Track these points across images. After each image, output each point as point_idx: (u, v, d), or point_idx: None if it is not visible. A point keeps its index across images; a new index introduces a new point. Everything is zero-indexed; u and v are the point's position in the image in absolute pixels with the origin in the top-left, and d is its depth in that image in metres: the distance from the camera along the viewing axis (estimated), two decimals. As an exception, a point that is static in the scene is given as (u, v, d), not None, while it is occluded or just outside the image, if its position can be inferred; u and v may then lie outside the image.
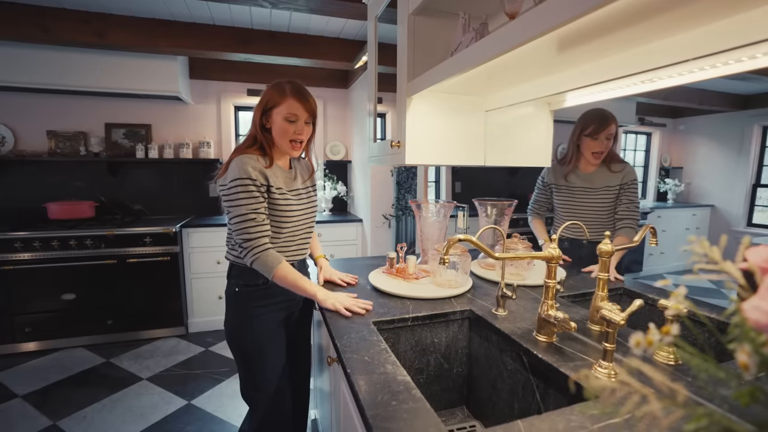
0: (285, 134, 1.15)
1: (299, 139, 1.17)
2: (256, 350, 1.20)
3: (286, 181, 1.21)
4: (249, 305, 1.19)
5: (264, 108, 1.16)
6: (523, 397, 0.91)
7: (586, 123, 1.56)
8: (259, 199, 1.11)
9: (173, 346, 2.69)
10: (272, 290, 1.19)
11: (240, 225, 1.10)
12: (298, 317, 1.34)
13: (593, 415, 0.63)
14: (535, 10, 0.66)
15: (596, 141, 1.54)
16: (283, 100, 1.14)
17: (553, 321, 0.86)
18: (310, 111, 1.17)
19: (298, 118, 1.15)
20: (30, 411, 1.97)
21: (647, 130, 4.90)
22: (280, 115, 1.14)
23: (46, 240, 2.49)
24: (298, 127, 1.16)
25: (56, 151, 2.93)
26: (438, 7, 1.16)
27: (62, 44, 2.43)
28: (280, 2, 1.75)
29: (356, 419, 0.82)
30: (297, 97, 1.14)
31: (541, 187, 1.78)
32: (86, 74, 2.64)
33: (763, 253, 0.32)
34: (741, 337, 0.29)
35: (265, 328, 1.20)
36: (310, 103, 1.17)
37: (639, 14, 0.59)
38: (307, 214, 1.26)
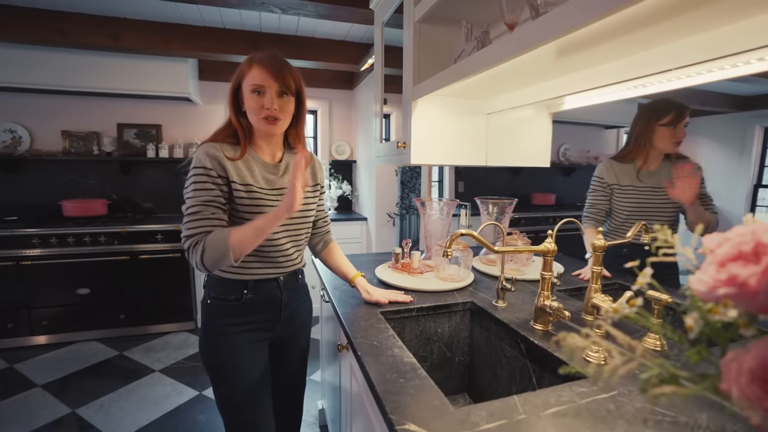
0: (255, 110, 0.95)
1: (272, 115, 0.95)
2: (225, 372, 1.03)
3: (266, 176, 1.01)
4: (218, 321, 1.03)
5: (234, 86, 0.99)
6: (520, 381, 0.97)
7: (662, 112, 1.40)
8: (213, 191, 0.93)
9: (183, 340, 2.78)
10: (245, 308, 1.02)
11: (184, 220, 0.94)
12: (286, 340, 1.14)
13: (582, 392, 0.70)
14: (534, 23, 0.73)
15: (675, 130, 1.40)
16: (249, 70, 0.95)
17: (549, 310, 0.93)
18: (281, 81, 0.94)
19: (265, 89, 0.94)
20: (50, 399, 2.05)
21: (649, 130, 4.93)
22: (248, 88, 0.95)
23: (62, 236, 2.58)
24: (266, 100, 0.94)
25: (70, 151, 3.02)
26: (442, 16, 1.22)
27: (78, 47, 2.51)
28: (290, 8, 1.82)
29: (365, 398, 0.89)
30: (263, 64, 0.93)
31: (599, 188, 1.54)
32: (100, 76, 2.72)
33: (714, 239, 0.38)
34: (691, 307, 0.35)
35: (236, 349, 1.02)
36: (281, 71, 0.94)
37: (634, 24, 0.65)
38: (291, 217, 1.02)
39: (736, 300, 0.32)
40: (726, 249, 0.34)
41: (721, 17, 0.61)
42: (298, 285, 1.15)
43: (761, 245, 0.31)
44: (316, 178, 1.16)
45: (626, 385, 0.72)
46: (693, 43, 0.70)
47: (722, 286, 0.31)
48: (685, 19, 0.62)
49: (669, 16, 0.61)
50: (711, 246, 0.38)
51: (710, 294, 0.32)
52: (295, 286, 1.14)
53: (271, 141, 1.05)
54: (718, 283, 0.32)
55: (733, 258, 0.33)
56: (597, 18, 0.60)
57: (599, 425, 0.60)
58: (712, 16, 0.61)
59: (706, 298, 0.34)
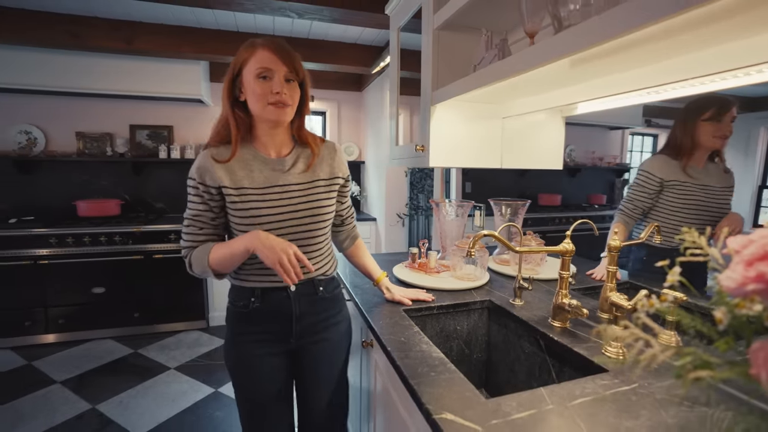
0: (260, 96, 0.87)
1: (281, 100, 0.88)
2: (238, 378, 1.03)
3: (269, 174, 0.94)
4: (234, 327, 1.01)
5: (233, 74, 0.90)
6: (539, 376, 1.01)
7: (704, 107, 1.36)
8: (199, 205, 0.92)
9: (196, 338, 2.82)
10: (254, 316, 0.98)
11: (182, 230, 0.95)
12: (309, 359, 1.05)
13: (604, 384, 0.74)
14: (556, 38, 0.77)
15: (721, 124, 1.35)
16: (251, 53, 0.87)
17: (567, 308, 0.97)
18: (290, 65, 0.88)
19: (273, 73, 0.87)
20: (69, 395, 2.10)
21: (653, 131, 4.97)
22: (251, 74, 0.87)
23: (78, 236, 2.63)
24: (275, 84, 0.87)
25: (84, 152, 3.07)
26: (461, 23, 1.26)
27: (92, 50, 2.56)
28: (306, 13, 1.86)
29: (393, 392, 0.93)
30: (269, 47, 0.87)
31: (645, 184, 1.47)
32: (114, 78, 2.77)
33: (738, 240, 0.42)
34: (719, 301, 0.39)
35: (247, 357, 0.99)
36: (289, 55, 0.88)
37: (654, 37, 0.68)
38: (297, 217, 0.94)
39: (763, 295, 0.36)
40: (752, 249, 0.38)
41: (737, 31, 0.65)
42: (319, 298, 1.02)
43: (786, 246, 0.35)
44: (333, 171, 1.02)
45: (646, 378, 0.76)
46: (713, 54, 0.74)
47: (751, 283, 0.35)
48: (705, 32, 0.66)
49: (689, 30, 0.65)
50: (736, 247, 0.42)
51: (739, 290, 0.36)
52: (313, 299, 1.01)
53: (276, 134, 0.95)
54: (747, 280, 0.36)
55: (760, 258, 0.37)
56: (620, 35, 0.64)
57: (623, 414, 0.64)
58: (729, 29, 0.65)
59: (735, 293, 0.38)
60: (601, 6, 0.77)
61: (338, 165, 1.04)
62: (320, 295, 1.03)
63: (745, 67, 0.72)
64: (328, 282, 1.06)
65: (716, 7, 0.51)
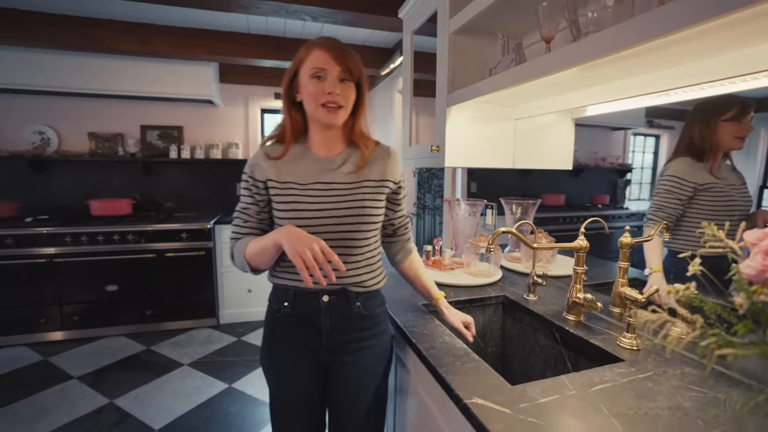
0: (314, 97, 0.87)
1: (334, 101, 0.87)
2: (268, 380, 1.02)
3: (317, 172, 0.93)
4: (267, 328, 1.01)
5: (291, 75, 0.91)
6: (555, 367, 1.06)
7: (725, 107, 1.32)
8: (248, 198, 0.93)
9: (207, 336, 2.87)
10: (283, 322, 0.95)
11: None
12: (338, 379, 0.98)
13: (621, 372, 0.78)
14: (574, 46, 0.81)
15: (742, 124, 1.32)
16: (308, 54, 0.88)
17: (582, 302, 1.01)
18: (344, 65, 0.87)
19: (327, 73, 0.87)
20: (87, 390, 2.15)
21: (656, 132, 5.00)
22: (306, 74, 0.88)
23: (92, 235, 2.68)
24: (327, 84, 0.87)
25: (96, 152, 3.12)
26: (476, 28, 1.30)
27: (108, 52, 2.61)
28: (320, 16, 1.90)
29: (418, 381, 0.97)
30: (324, 47, 0.87)
31: (677, 190, 1.39)
32: (127, 79, 2.82)
33: (754, 234, 0.46)
34: (739, 288, 0.44)
35: (278, 361, 0.98)
36: (343, 55, 0.87)
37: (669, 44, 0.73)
38: (339, 215, 0.90)
39: (780, 281, 0.40)
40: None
41: (747, 39, 0.69)
42: (353, 313, 0.94)
43: (800, 238, 0.39)
44: (384, 174, 0.97)
45: (660, 367, 0.80)
46: (724, 60, 0.79)
47: (769, 271, 0.40)
48: (717, 39, 0.70)
49: (699, 37, 0.69)
50: (752, 240, 0.46)
51: (759, 277, 0.41)
52: (347, 314, 0.93)
53: (328, 134, 0.95)
54: (766, 268, 0.40)
55: (777, 248, 0.41)
56: (635, 45, 0.69)
57: (642, 399, 0.69)
58: (739, 37, 0.69)
59: (755, 280, 0.42)
60: (618, 13, 0.82)
61: (390, 169, 0.99)
62: (355, 310, 0.94)
63: (753, 73, 0.76)
64: (368, 297, 0.96)
65: (728, 18, 0.55)
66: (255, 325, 3.06)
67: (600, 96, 1.11)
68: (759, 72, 0.75)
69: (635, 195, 5.35)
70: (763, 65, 0.74)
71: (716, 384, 0.74)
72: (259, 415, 1.99)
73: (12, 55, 2.58)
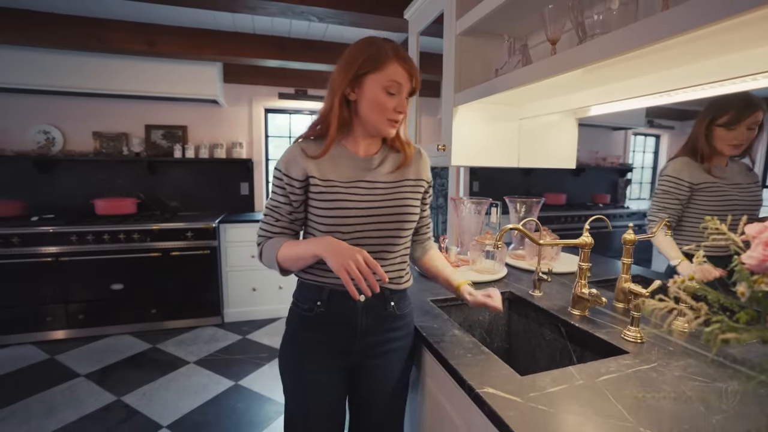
0: (382, 110, 0.86)
1: (399, 119, 0.89)
2: (287, 384, 0.98)
3: (354, 171, 0.91)
4: (293, 328, 0.96)
5: (356, 73, 0.85)
6: (560, 361, 1.08)
7: (720, 110, 1.26)
8: (280, 197, 0.91)
9: (212, 334, 2.89)
10: (315, 323, 0.92)
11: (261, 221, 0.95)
12: (365, 376, 0.97)
13: (626, 363, 0.81)
14: (579, 48, 0.84)
15: (733, 132, 1.24)
16: (384, 64, 0.84)
17: (587, 297, 1.04)
18: (415, 83, 0.88)
19: (400, 89, 0.86)
20: (94, 388, 2.17)
21: (656, 132, 5.04)
22: (379, 83, 0.85)
23: (98, 234, 2.70)
24: (400, 101, 0.86)
25: (101, 151, 3.14)
26: (483, 29, 1.33)
27: (114, 52, 2.63)
28: (327, 17, 1.93)
29: (428, 374, 1.00)
30: (402, 61, 0.85)
31: (674, 190, 1.40)
32: (132, 79, 2.84)
33: (754, 227, 0.49)
34: (740, 278, 0.46)
35: (302, 365, 0.94)
36: (417, 73, 0.89)
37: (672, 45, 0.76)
38: (382, 214, 0.89)
39: (780, 271, 0.42)
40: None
41: (747, 43, 0.72)
42: (387, 314, 0.94)
43: (799, 230, 0.42)
44: (419, 173, 0.98)
45: (663, 359, 0.83)
46: (723, 62, 0.81)
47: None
48: (718, 41, 0.73)
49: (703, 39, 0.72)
50: (753, 233, 0.49)
51: (760, 266, 0.43)
52: (382, 314, 0.93)
53: (373, 140, 0.95)
54: (767, 258, 0.42)
55: (777, 240, 0.44)
56: (641, 47, 0.71)
57: (647, 388, 0.71)
58: (740, 40, 0.72)
59: (756, 270, 0.45)
60: (624, 15, 0.85)
61: (423, 169, 1.00)
62: (390, 310, 0.93)
63: (753, 74, 0.79)
64: (401, 297, 0.97)
65: (731, 22, 0.58)
66: (260, 324, 3.08)
67: (603, 96, 1.14)
68: (759, 73, 0.78)
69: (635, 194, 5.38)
70: (764, 67, 0.76)
71: (717, 374, 0.76)
72: (266, 411, 2.01)
73: (17, 54, 2.60)
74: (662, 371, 0.78)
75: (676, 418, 0.63)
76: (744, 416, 0.62)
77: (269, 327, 3.04)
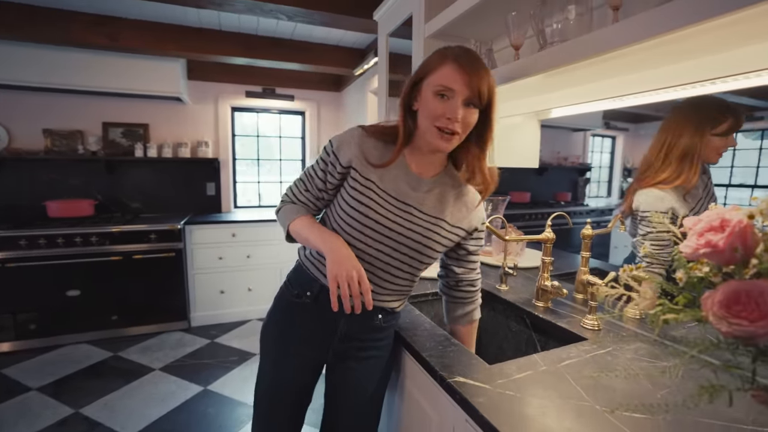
0: (431, 115, 0.77)
1: (450, 128, 0.76)
2: (262, 362, 0.98)
3: (400, 185, 0.84)
4: (278, 307, 0.97)
5: (416, 78, 0.81)
6: (526, 350, 1.14)
7: (718, 118, 1.13)
8: (318, 173, 0.88)
9: (178, 339, 2.79)
10: (299, 311, 0.91)
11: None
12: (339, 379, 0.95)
13: (585, 349, 0.87)
14: (540, 54, 0.89)
15: (728, 139, 1.15)
16: (439, 65, 0.77)
17: (550, 289, 1.10)
18: (475, 89, 0.75)
19: (453, 94, 0.75)
20: (49, 401, 2.04)
21: (612, 133, 5.35)
22: (431, 87, 0.77)
23: (51, 237, 2.53)
24: (450, 107, 0.75)
25: (53, 150, 2.95)
26: (450, 32, 1.37)
27: (74, 45, 2.48)
28: (296, 16, 1.91)
29: (402, 367, 1.02)
30: (458, 63, 0.75)
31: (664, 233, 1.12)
32: (90, 75, 2.69)
33: (691, 220, 0.55)
34: (679, 265, 0.52)
35: (277, 348, 0.94)
36: (476, 75, 0.75)
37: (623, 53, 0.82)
38: (401, 242, 0.83)
39: (710, 257, 0.48)
40: (702, 225, 0.51)
41: (684, 54, 0.80)
42: (374, 325, 0.90)
43: (725, 221, 0.48)
44: (460, 220, 0.88)
45: (618, 344, 0.89)
46: (670, 71, 0.89)
47: (702, 248, 0.48)
48: (660, 51, 0.80)
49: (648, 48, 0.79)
50: (689, 225, 0.55)
51: (694, 254, 0.49)
52: (368, 324, 0.89)
53: (432, 157, 0.85)
54: (699, 247, 0.48)
55: (707, 230, 0.49)
56: (595, 55, 0.77)
57: (604, 369, 0.77)
58: (677, 52, 0.79)
59: (691, 257, 0.50)
60: (580, 25, 0.91)
61: (468, 217, 0.90)
62: (376, 322, 0.90)
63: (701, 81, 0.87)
64: (390, 314, 0.93)
65: (673, 35, 0.64)
66: (229, 327, 3.01)
67: (564, 99, 1.21)
68: (698, 82, 0.86)
69: (594, 192, 5.68)
70: (703, 76, 0.84)
71: (663, 355, 0.84)
72: (237, 415, 1.97)
73: (-44, 45, 2.40)
74: (616, 354, 0.85)
75: (627, 395, 0.69)
76: (683, 390, 0.69)
77: (239, 330, 2.97)
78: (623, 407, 0.61)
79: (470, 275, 0.98)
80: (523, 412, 0.64)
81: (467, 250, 0.94)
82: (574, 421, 0.62)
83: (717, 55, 0.77)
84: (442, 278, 1.03)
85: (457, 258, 0.96)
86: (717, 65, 0.81)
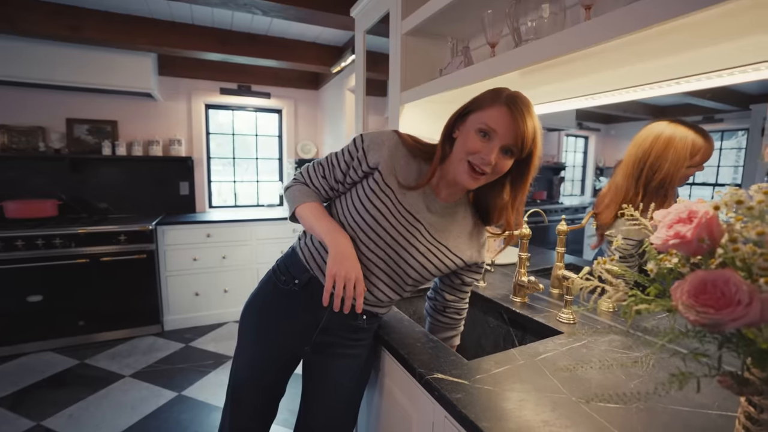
0: (467, 149, 0.77)
1: (483, 169, 0.76)
2: (238, 349, 0.98)
3: (418, 204, 0.85)
4: (264, 289, 0.96)
5: (464, 110, 0.83)
6: (504, 346, 1.15)
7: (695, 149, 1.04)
8: (339, 166, 0.88)
9: (151, 344, 2.69)
10: (284, 299, 0.91)
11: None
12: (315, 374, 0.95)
13: (561, 342, 0.88)
14: (515, 51, 0.90)
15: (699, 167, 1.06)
16: (490, 105, 0.77)
17: (527, 285, 1.12)
18: (517, 138, 0.75)
19: (494, 136, 0.75)
20: (7, 414, 1.92)
21: (584, 133, 5.51)
22: (475, 122, 0.77)
23: (8, 240, 2.38)
24: (488, 147, 0.75)
25: (10, 147, 2.78)
26: (427, 30, 1.37)
27: (28, 35, 2.34)
28: (271, 11, 1.87)
29: (383, 366, 1.01)
30: (509, 108, 0.75)
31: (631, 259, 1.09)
32: (52, 68, 2.54)
33: (661, 213, 0.56)
34: (650, 257, 0.53)
35: (257, 335, 0.94)
36: (524, 127, 0.74)
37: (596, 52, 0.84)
38: (398, 255, 0.84)
39: (678, 248, 0.49)
40: (671, 217, 0.52)
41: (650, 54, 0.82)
42: (356, 325, 0.89)
43: (692, 212, 0.49)
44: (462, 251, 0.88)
45: (592, 336, 0.91)
46: (636, 70, 0.92)
47: (671, 239, 0.49)
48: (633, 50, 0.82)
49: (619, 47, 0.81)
50: (659, 218, 0.56)
51: (663, 245, 0.50)
52: (350, 323, 0.89)
53: (454, 190, 0.86)
54: (668, 238, 0.49)
55: (676, 222, 0.50)
56: (567, 53, 0.78)
57: (579, 361, 0.78)
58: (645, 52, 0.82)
59: (660, 249, 0.51)
60: (554, 23, 0.92)
61: (472, 250, 0.90)
62: (359, 323, 0.90)
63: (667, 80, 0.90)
64: (375, 318, 0.93)
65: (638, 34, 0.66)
66: (204, 330, 2.92)
67: (540, 97, 1.23)
68: (665, 81, 0.89)
69: (568, 191, 5.89)
70: (669, 75, 0.87)
71: (636, 346, 0.86)
72: (213, 420, 1.91)
73: None
74: (591, 347, 0.86)
75: (602, 385, 0.70)
76: (655, 378, 0.71)
77: (214, 333, 2.89)
78: (598, 398, 0.62)
79: (459, 304, 1.00)
80: (501, 406, 0.64)
81: (462, 280, 0.95)
82: (551, 413, 0.62)
83: (682, 55, 0.79)
84: (430, 300, 1.04)
85: (450, 285, 0.97)
86: (682, 65, 0.84)
